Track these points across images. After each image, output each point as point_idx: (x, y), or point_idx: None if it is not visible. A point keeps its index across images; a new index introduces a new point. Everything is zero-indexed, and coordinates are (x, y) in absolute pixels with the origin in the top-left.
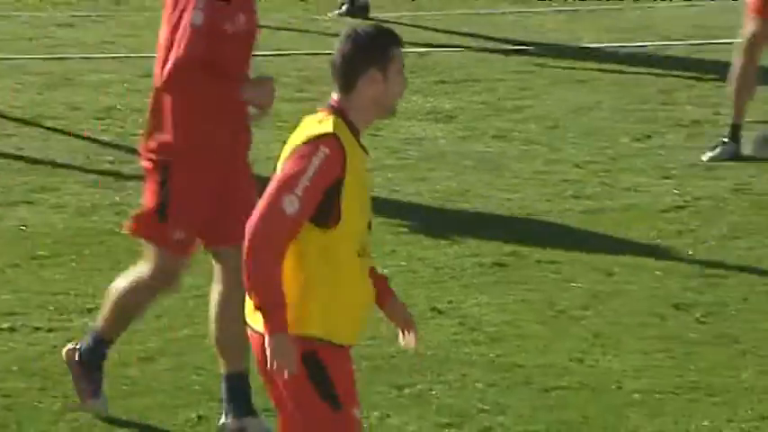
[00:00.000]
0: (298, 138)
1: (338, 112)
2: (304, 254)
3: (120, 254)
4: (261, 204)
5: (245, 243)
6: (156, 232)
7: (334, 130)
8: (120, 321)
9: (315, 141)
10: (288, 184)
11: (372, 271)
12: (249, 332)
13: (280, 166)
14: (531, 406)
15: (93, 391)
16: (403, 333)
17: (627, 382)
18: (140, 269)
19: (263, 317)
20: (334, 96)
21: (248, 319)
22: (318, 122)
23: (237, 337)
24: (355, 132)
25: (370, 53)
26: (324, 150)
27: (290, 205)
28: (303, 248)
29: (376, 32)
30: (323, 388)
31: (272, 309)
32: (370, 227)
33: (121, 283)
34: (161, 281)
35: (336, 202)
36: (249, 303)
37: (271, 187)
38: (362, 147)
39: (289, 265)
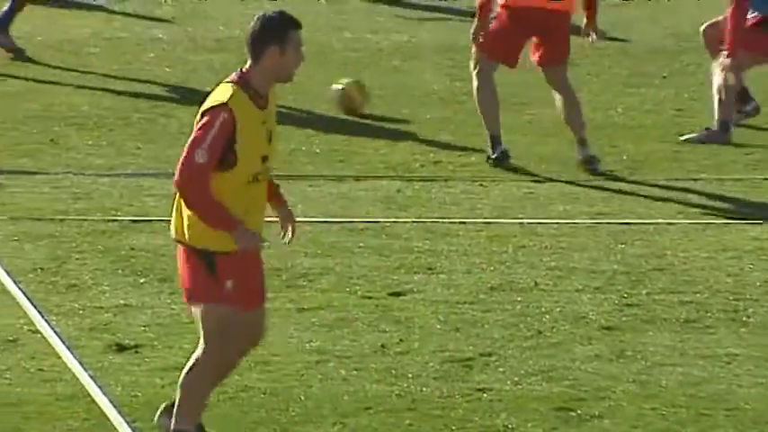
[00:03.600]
0: (207, 102)
1: (241, 80)
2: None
3: None
4: (181, 160)
5: (179, 190)
6: None
7: (228, 100)
8: None
9: (216, 109)
10: (198, 141)
11: (270, 183)
12: (180, 247)
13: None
14: None
15: None
16: (283, 227)
17: None
18: None
19: (220, 228)
20: (247, 65)
21: (176, 236)
22: (222, 91)
23: None
24: (255, 95)
25: (272, 33)
26: (222, 116)
27: (201, 156)
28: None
29: (279, 16)
30: (210, 268)
31: (223, 219)
32: (265, 160)
33: None
34: None
35: (233, 151)
36: (180, 223)
37: (187, 146)
38: (261, 104)
39: None
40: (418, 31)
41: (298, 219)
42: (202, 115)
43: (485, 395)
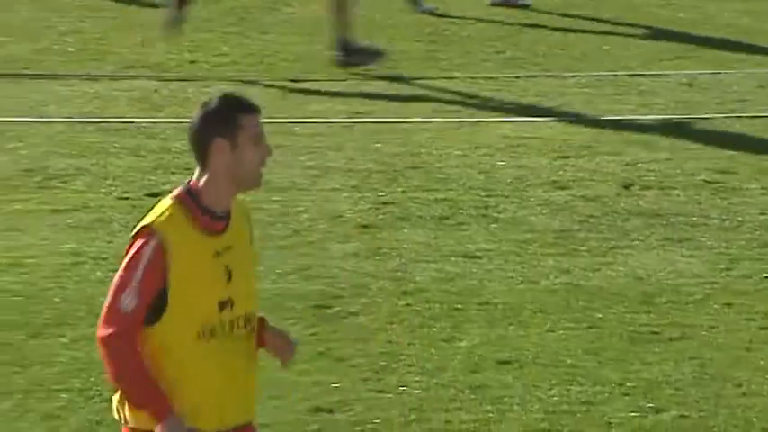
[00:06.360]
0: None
1: (184, 193)
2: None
3: None
4: (105, 306)
5: (100, 351)
6: None
7: (155, 222)
8: None
9: (142, 235)
10: (123, 282)
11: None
12: None
13: None
14: None
15: None
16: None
17: None
18: None
19: (145, 409)
20: (196, 171)
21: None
22: (156, 208)
23: None
24: (205, 214)
25: (215, 121)
26: (151, 244)
27: (128, 302)
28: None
29: (222, 100)
30: None
31: (152, 398)
32: (224, 307)
33: None
34: None
35: (164, 294)
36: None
37: (110, 291)
38: (213, 227)
39: None
40: None
41: (50, 118)
42: (130, 243)
43: None
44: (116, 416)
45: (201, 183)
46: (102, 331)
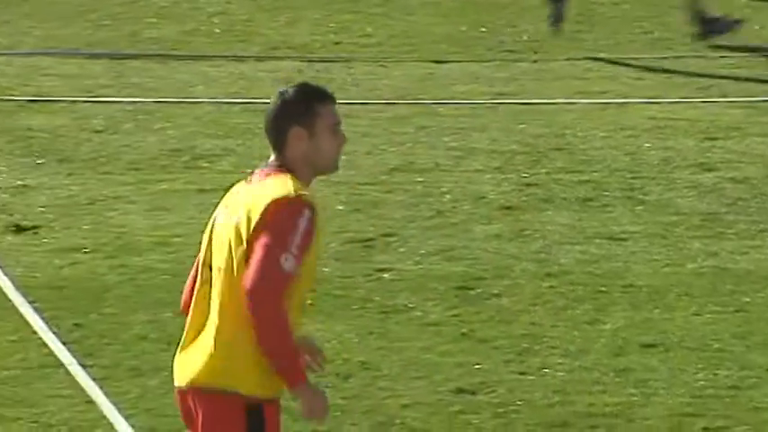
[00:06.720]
0: (263, 199)
1: (286, 170)
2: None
3: None
4: (257, 264)
5: (250, 305)
6: None
7: (305, 196)
8: None
9: (300, 203)
10: (282, 242)
11: None
12: (178, 390)
13: (242, 228)
14: None
15: None
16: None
17: None
18: None
19: (284, 374)
20: (272, 157)
21: (181, 377)
22: (279, 182)
23: None
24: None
25: (293, 110)
26: (308, 213)
27: (289, 263)
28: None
29: (300, 89)
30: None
31: (296, 363)
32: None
33: None
34: None
35: None
36: (184, 360)
37: (261, 250)
38: None
39: (228, 322)
40: None
41: (197, 99)
42: (275, 208)
43: (385, 275)
44: (211, 382)
45: (285, 166)
46: (262, 288)
